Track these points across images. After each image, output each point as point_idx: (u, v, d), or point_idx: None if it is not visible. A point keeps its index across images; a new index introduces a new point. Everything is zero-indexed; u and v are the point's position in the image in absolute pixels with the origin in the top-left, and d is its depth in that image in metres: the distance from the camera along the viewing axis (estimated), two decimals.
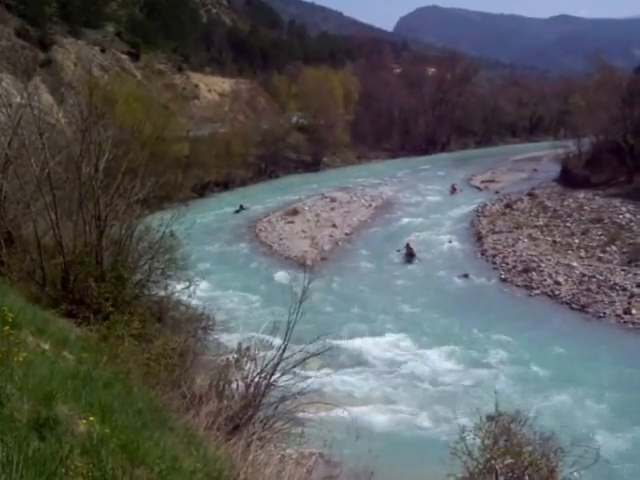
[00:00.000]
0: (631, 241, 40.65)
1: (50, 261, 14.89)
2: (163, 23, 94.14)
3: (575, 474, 9.44)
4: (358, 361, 25.83)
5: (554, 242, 43.27)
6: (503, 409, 9.89)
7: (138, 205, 18.20)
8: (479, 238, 47.03)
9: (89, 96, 17.70)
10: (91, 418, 4.93)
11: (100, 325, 11.75)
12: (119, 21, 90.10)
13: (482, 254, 43.13)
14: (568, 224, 46.93)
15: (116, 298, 14.09)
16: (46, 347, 7.30)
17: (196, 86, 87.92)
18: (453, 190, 66.58)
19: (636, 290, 33.21)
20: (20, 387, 4.89)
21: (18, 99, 20.51)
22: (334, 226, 51.05)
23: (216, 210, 56.91)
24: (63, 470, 3.92)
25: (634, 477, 14.52)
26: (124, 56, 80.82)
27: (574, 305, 32.69)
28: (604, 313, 31.34)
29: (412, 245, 43.28)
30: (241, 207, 57.36)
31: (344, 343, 26.28)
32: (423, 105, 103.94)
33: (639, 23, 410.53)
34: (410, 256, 42.27)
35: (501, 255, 41.69)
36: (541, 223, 48.51)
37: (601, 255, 39.31)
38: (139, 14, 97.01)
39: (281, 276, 37.04)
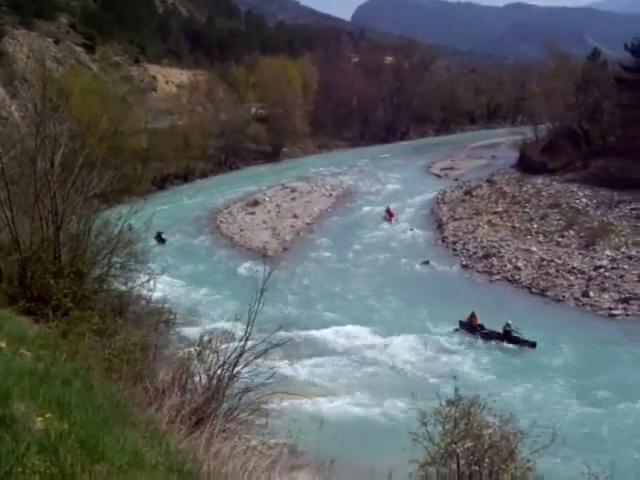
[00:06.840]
0: (588, 225, 41.34)
1: (6, 258, 14.65)
2: (118, 14, 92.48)
3: (534, 455, 9.60)
4: (320, 351, 25.94)
5: (513, 228, 43.84)
6: (463, 393, 10.01)
7: (96, 199, 18.00)
8: (439, 225, 47.46)
9: (43, 89, 17.40)
10: (48, 415, 4.86)
11: (59, 322, 11.58)
12: (73, 12, 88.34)
13: (443, 241, 43.55)
14: (527, 210, 47.56)
15: (75, 294, 13.92)
16: (2, 345, 7.18)
17: (153, 78, 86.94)
18: (389, 215, 50.57)
19: (594, 273, 33.85)
20: None
21: None
22: (295, 216, 51.05)
23: (178, 202, 56.58)
24: (19, 469, 3.86)
25: (591, 455, 14.88)
26: (79, 48, 79.38)
27: (534, 289, 33.24)
28: (563, 296, 31.91)
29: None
30: (159, 236, 42.21)
31: (306, 333, 26.36)
32: (382, 94, 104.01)
33: (590, 12, 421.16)
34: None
35: (462, 242, 42.15)
36: (500, 209, 49.07)
37: (559, 240, 39.92)
38: (93, 5, 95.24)
39: (242, 267, 36.93)
